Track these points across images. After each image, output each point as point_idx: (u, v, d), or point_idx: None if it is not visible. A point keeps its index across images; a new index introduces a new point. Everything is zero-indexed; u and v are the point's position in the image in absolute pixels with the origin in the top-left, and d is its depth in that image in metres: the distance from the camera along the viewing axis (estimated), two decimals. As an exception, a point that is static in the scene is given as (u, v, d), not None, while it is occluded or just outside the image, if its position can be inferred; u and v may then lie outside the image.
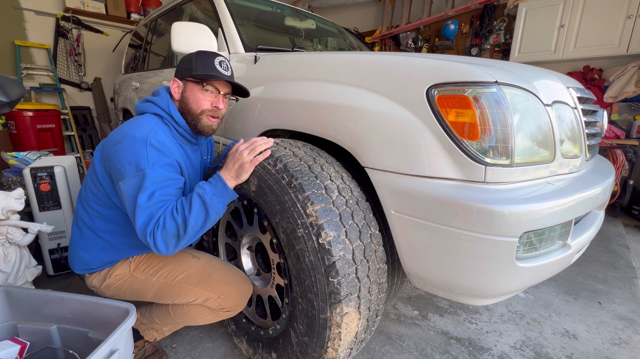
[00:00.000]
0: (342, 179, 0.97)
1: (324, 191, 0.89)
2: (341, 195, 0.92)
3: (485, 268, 0.79)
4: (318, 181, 0.91)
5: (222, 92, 1.11)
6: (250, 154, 0.97)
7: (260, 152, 0.98)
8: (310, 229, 0.85)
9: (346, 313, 0.86)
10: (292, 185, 0.90)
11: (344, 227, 0.87)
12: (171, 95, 1.10)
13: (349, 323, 0.88)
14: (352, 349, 0.96)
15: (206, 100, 1.08)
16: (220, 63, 1.08)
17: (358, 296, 0.88)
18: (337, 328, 0.87)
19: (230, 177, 0.97)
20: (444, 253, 0.82)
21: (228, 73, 1.10)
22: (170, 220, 0.88)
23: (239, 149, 0.99)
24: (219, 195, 0.93)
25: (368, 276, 0.90)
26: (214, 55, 1.09)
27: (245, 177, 0.98)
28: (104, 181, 1.00)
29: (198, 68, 1.05)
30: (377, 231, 0.96)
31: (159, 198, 0.90)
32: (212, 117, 1.10)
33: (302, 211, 0.86)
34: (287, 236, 0.91)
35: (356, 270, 0.87)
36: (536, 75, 0.98)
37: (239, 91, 1.19)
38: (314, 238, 0.84)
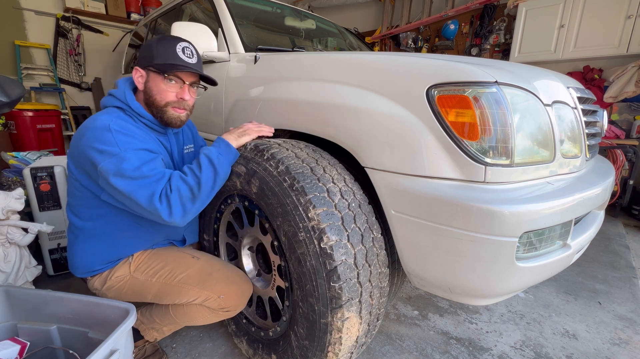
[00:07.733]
0: (345, 182, 0.96)
1: (326, 195, 0.88)
2: (343, 198, 0.91)
3: (486, 268, 0.79)
4: (320, 184, 0.90)
5: (187, 82, 1.04)
6: (255, 126, 1.11)
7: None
8: (312, 233, 0.85)
9: (347, 318, 0.86)
10: (294, 188, 0.89)
11: (346, 231, 0.86)
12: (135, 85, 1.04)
13: (350, 328, 0.87)
14: (352, 353, 0.96)
15: (170, 92, 1.01)
16: (183, 49, 1.00)
17: (359, 301, 0.87)
18: (338, 333, 0.86)
19: (232, 138, 1.04)
20: (444, 253, 0.82)
21: (193, 60, 1.02)
22: (182, 184, 0.90)
23: (245, 124, 1.12)
24: (224, 154, 0.98)
25: (370, 281, 0.89)
26: (176, 40, 1.01)
27: (246, 138, 1.07)
28: (86, 183, 0.98)
29: (159, 57, 0.97)
30: (379, 235, 0.95)
31: (147, 173, 0.88)
32: (178, 108, 1.04)
33: (304, 214, 0.86)
34: (288, 240, 0.90)
35: (358, 275, 0.86)
36: (536, 75, 0.98)
37: (207, 79, 1.11)
38: (316, 242, 0.84)
